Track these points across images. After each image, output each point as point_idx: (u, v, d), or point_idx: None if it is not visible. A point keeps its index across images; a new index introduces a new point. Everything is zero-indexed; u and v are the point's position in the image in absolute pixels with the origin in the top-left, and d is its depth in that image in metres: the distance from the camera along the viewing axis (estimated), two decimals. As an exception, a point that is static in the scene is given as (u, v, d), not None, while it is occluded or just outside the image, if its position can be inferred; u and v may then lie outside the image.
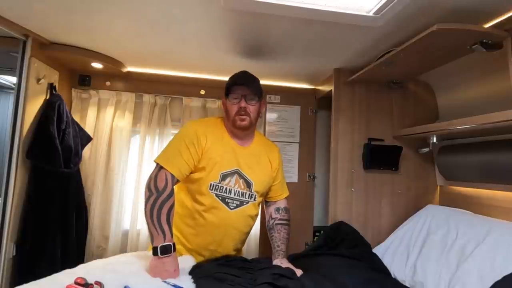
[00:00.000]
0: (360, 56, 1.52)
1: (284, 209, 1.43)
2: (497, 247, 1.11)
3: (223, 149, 1.27)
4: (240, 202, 1.29)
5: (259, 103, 1.30)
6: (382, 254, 1.52)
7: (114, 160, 1.84)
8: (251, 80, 1.29)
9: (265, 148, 1.38)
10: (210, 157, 1.24)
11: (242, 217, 1.31)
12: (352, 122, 1.70)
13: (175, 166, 1.18)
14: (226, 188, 1.27)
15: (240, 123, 1.25)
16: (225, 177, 1.26)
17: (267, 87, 2.03)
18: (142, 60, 1.76)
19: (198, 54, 1.60)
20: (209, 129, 1.28)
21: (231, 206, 1.28)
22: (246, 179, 1.30)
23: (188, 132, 1.25)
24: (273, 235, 1.36)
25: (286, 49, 1.47)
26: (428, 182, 1.74)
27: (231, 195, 1.27)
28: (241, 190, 1.29)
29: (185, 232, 1.30)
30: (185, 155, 1.20)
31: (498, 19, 1.06)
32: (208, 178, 1.25)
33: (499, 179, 1.30)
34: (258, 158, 1.34)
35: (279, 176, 1.42)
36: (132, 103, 1.89)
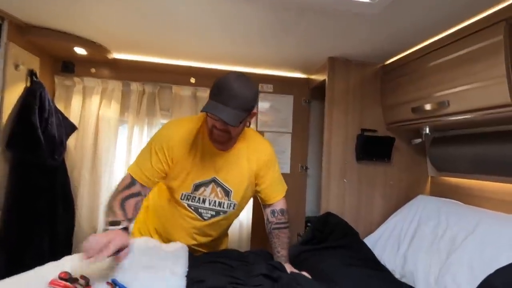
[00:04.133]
0: (356, 45, 1.48)
1: (280, 211, 1.29)
2: (487, 237, 1.12)
3: (200, 157, 1.15)
4: (216, 212, 1.22)
5: (245, 121, 1.09)
6: (373, 244, 1.53)
7: (101, 151, 1.78)
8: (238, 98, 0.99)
9: (247, 150, 1.21)
10: (183, 166, 1.14)
11: (217, 226, 1.27)
12: (346, 112, 1.67)
13: (141, 172, 1.11)
14: (199, 198, 1.19)
15: (216, 138, 1.10)
16: (199, 187, 1.17)
17: (260, 75, 1.99)
18: (129, 46, 1.68)
19: (189, 40, 1.53)
20: (186, 135, 1.15)
21: (205, 217, 1.22)
22: (224, 188, 1.19)
23: (159, 137, 1.16)
24: (272, 240, 1.26)
25: (279, 37, 1.42)
26: (420, 173, 1.75)
27: (205, 205, 1.20)
28: (218, 200, 1.20)
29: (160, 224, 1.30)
30: (153, 161, 1.12)
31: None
32: (180, 188, 1.17)
33: (490, 171, 1.31)
34: (238, 162, 1.20)
35: (268, 178, 1.25)
36: (119, 92, 1.82)
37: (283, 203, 1.31)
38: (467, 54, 1.14)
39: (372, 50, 1.54)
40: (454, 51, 1.20)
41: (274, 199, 1.28)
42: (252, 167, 1.22)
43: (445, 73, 1.25)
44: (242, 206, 1.32)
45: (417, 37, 1.34)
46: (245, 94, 1.01)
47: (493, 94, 1.04)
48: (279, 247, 1.25)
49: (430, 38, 1.33)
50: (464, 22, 1.16)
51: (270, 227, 1.28)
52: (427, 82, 1.35)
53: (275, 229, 1.27)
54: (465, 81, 1.15)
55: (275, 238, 1.26)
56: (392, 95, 1.62)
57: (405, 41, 1.39)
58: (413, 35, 1.32)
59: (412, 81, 1.46)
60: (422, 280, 1.19)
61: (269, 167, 1.26)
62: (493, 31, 1.04)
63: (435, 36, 1.31)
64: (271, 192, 1.28)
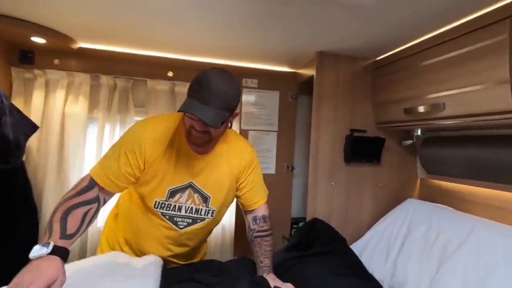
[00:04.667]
0: (346, 38, 1.36)
1: (262, 218, 1.21)
2: (481, 249, 1.06)
3: (176, 160, 1.04)
4: (192, 220, 1.12)
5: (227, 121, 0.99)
6: (362, 250, 1.47)
7: (68, 152, 1.61)
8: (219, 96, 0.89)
9: (228, 153, 1.12)
10: (157, 170, 1.03)
11: (194, 235, 1.16)
12: (335, 110, 1.57)
13: (104, 174, 0.97)
14: (174, 206, 1.08)
15: (195, 140, 0.99)
16: (174, 193, 1.07)
17: (243, 69, 1.85)
18: (97, 35, 1.49)
19: (164, 29, 1.37)
20: (160, 136, 1.03)
21: (181, 226, 1.11)
22: (202, 193, 1.10)
23: (130, 137, 1.03)
24: (254, 249, 1.19)
25: (264, 27, 1.29)
26: (409, 174, 1.69)
27: (181, 212, 1.09)
28: (195, 207, 1.10)
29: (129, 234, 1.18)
30: (121, 163, 0.99)
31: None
32: (153, 194, 1.05)
33: (484, 176, 1.24)
34: (218, 166, 1.11)
35: (250, 182, 1.17)
36: (87, 86, 1.64)
37: (265, 208, 1.23)
38: (467, 53, 1.05)
39: (364, 45, 1.43)
40: (452, 49, 1.11)
41: (255, 205, 1.20)
42: (233, 171, 1.13)
43: (441, 73, 1.16)
44: (221, 213, 1.22)
45: (413, 32, 1.24)
46: (227, 93, 0.91)
47: (494, 98, 0.96)
48: (262, 256, 1.17)
49: (427, 34, 1.24)
50: (466, 17, 1.06)
51: (252, 235, 1.19)
52: (421, 82, 1.26)
53: (257, 237, 1.18)
54: (463, 83, 1.07)
55: (257, 246, 1.18)
56: (383, 93, 1.52)
57: (400, 36, 1.29)
58: (409, 29, 1.22)
59: (405, 79, 1.36)
60: (413, 292, 1.14)
61: (251, 171, 1.17)
62: (497, 28, 0.95)
63: (432, 32, 1.21)
64: (253, 197, 1.19)
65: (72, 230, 0.84)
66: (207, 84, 0.90)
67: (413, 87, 1.31)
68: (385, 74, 1.51)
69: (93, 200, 0.94)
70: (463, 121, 1.10)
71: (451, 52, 1.11)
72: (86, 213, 0.90)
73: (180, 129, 1.05)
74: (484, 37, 0.98)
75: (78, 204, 0.89)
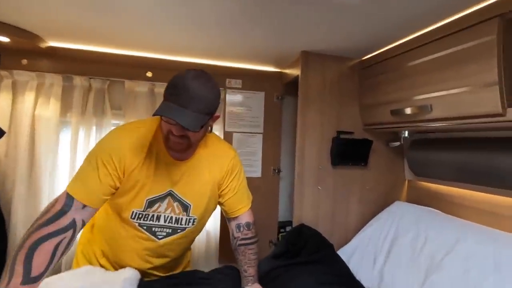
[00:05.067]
0: (332, 38, 1.31)
1: (245, 225, 1.16)
2: (470, 257, 1.03)
3: (155, 168, 0.99)
4: (172, 229, 1.06)
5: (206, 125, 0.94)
6: (349, 256, 1.43)
7: (40, 158, 1.51)
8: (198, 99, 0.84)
9: (209, 159, 1.07)
10: (137, 180, 0.97)
11: (174, 245, 1.10)
12: (321, 112, 1.52)
13: (86, 190, 0.90)
14: (153, 216, 1.02)
15: (173, 146, 0.94)
16: (153, 203, 1.01)
17: (227, 69, 1.78)
18: (69, 34, 1.40)
19: (138, 28, 1.29)
20: (138, 143, 0.97)
21: (160, 236, 1.05)
22: (182, 202, 1.04)
23: (106, 147, 0.96)
24: (238, 258, 1.14)
25: (245, 25, 1.22)
26: (397, 176, 1.66)
27: (160, 222, 1.03)
28: (174, 216, 1.05)
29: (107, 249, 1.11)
30: (101, 175, 0.92)
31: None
32: (130, 205, 0.99)
33: (473, 179, 1.22)
34: (199, 173, 1.06)
35: (233, 188, 1.12)
36: (59, 87, 1.54)
37: (249, 215, 1.17)
38: (454, 54, 1.01)
39: (349, 44, 1.38)
40: (439, 50, 1.07)
41: (239, 212, 1.14)
42: (215, 177, 1.07)
43: (428, 74, 1.12)
44: (203, 221, 1.16)
45: (399, 31, 1.20)
46: (206, 95, 0.86)
47: (482, 101, 0.92)
48: (246, 265, 1.12)
49: (413, 33, 1.19)
50: (452, 16, 1.02)
51: (236, 243, 1.14)
52: (408, 83, 1.23)
53: (241, 245, 1.13)
54: (451, 85, 1.03)
55: (241, 255, 1.13)
56: (370, 94, 1.48)
57: (386, 35, 1.25)
58: (394, 29, 1.17)
59: (391, 80, 1.33)
60: (401, 302, 1.10)
61: (233, 176, 1.12)
62: (484, 28, 0.91)
63: (418, 32, 1.17)
64: (236, 204, 1.14)
65: (38, 270, 0.77)
66: (184, 87, 0.84)
67: (400, 89, 1.27)
68: (371, 75, 1.47)
69: (67, 227, 0.85)
70: (451, 123, 1.07)
71: (438, 53, 1.07)
72: (58, 245, 0.82)
73: (158, 134, 0.99)
74: (471, 38, 0.95)
75: (48, 236, 0.81)
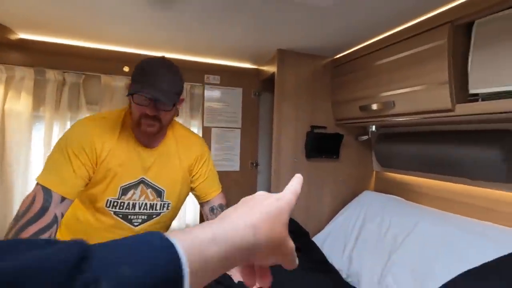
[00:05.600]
0: (305, 37, 1.39)
1: (219, 206, 1.22)
2: (426, 237, 1.15)
3: (126, 156, 1.01)
4: (148, 216, 1.09)
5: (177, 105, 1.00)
6: (322, 243, 1.53)
7: (11, 154, 1.47)
8: (166, 80, 0.93)
9: (177, 147, 1.12)
10: (108, 168, 0.98)
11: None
12: (296, 107, 1.60)
13: (61, 182, 0.89)
14: (128, 204, 1.04)
15: (146, 129, 0.96)
16: (127, 190, 1.03)
17: (205, 65, 1.81)
18: (41, 25, 1.36)
19: (112, 24, 1.29)
20: (107, 132, 0.99)
21: (135, 223, 1.07)
22: (155, 188, 1.08)
23: (77, 136, 0.95)
24: None
25: (221, 23, 1.26)
26: (366, 168, 1.78)
27: (135, 210, 1.06)
28: (149, 202, 1.07)
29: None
30: (75, 166, 0.92)
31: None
32: (105, 194, 1.00)
33: (430, 168, 1.35)
34: (169, 160, 1.09)
35: (203, 174, 1.18)
36: (30, 81, 1.49)
37: (222, 198, 1.23)
38: (414, 55, 1.12)
39: (322, 43, 1.46)
40: (401, 51, 1.18)
41: (211, 195, 1.20)
42: (184, 164, 1.13)
43: (392, 73, 1.23)
44: (177, 207, 1.19)
45: (367, 32, 1.29)
46: (173, 76, 0.96)
47: (435, 98, 1.04)
48: None
49: (379, 35, 1.30)
50: (413, 21, 1.13)
51: None
52: (375, 81, 1.33)
53: None
54: (410, 83, 1.14)
55: None
56: (341, 91, 1.58)
57: (356, 36, 1.34)
58: (363, 30, 1.27)
59: (360, 78, 1.43)
60: (366, 281, 1.21)
61: (203, 162, 1.18)
62: (438, 33, 1.02)
63: (384, 33, 1.27)
64: (208, 188, 1.20)
65: None
66: (152, 70, 0.93)
67: (367, 86, 1.37)
68: (342, 73, 1.57)
69: (51, 223, 0.84)
70: (411, 118, 1.18)
71: (400, 54, 1.18)
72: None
73: (126, 123, 1.03)
74: (426, 41, 1.06)
75: (36, 234, 0.80)
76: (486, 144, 1.07)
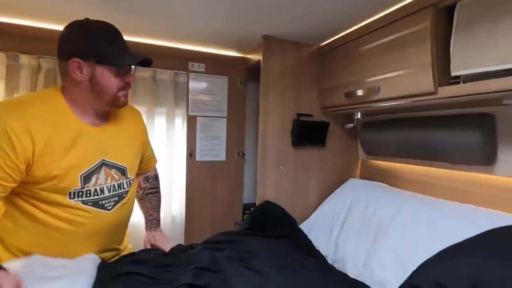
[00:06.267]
0: (291, 23, 1.37)
1: (154, 177, 1.28)
2: (408, 221, 1.17)
3: (73, 140, 0.88)
4: (118, 196, 1.01)
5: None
6: (308, 230, 1.53)
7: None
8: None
9: (123, 120, 1.05)
10: (54, 159, 0.85)
11: (125, 210, 1.06)
12: (282, 96, 1.59)
13: None
14: (96, 190, 0.94)
15: (124, 101, 0.94)
16: (89, 177, 0.92)
17: (189, 52, 1.77)
18: (13, 7, 1.29)
19: (98, 5, 1.23)
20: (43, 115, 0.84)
21: (109, 207, 0.98)
22: (118, 167, 1.00)
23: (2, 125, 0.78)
24: (145, 205, 1.23)
25: (208, 6, 1.22)
26: (352, 156, 1.80)
27: (105, 194, 0.97)
28: (116, 182, 1.00)
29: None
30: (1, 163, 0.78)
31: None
32: (63, 188, 0.88)
33: (410, 154, 1.37)
34: (121, 135, 1.03)
35: (148, 144, 1.21)
36: (2, 66, 1.41)
37: (155, 169, 1.31)
38: (397, 39, 1.12)
39: (307, 30, 1.45)
40: (385, 36, 1.18)
41: (151, 166, 1.26)
42: (136, 136, 1.11)
43: (377, 58, 1.23)
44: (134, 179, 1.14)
45: (352, 18, 1.29)
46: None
47: (419, 81, 1.04)
48: (151, 210, 1.24)
49: (363, 21, 1.29)
50: (397, 5, 1.13)
51: (143, 192, 1.25)
52: (359, 67, 1.33)
53: (149, 193, 1.25)
54: (394, 67, 1.14)
55: (147, 202, 1.24)
56: (327, 78, 1.58)
57: (341, 22, 1.33)
58: (349, 16, 1.26)
59: (345, 65, 1.42)
60: (352, 265, 1.22)
61: (146, 132, 1.20)
62: (421, 16, 1.02)
63: (367, 19, 1.27)
64: (150, 159, 1.24)
65: None
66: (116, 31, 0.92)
67: (353, 73, 1.37)
68: (327, 61, 1.56)
69: None
70: (395, 103, 1.19)
71: (384, 39, 1.18)
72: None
73: (64, 105, 0.89)
74: (410, 25, 1.06)
75: None
76: (467, 127, 1.09)
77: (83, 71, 0.87)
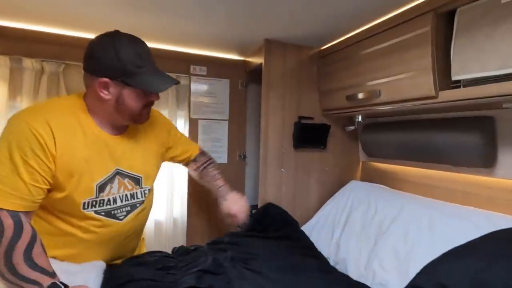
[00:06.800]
0: (292, 27, 1.38)
1: (199, 154, 1.32)
2: (409, 222, 1.18)
3: (91, 148, 0.89)
4: (131, 206, 1.02)
5: None
6: (310, 232, 1.54)
7: (-15, 146, 1.39)
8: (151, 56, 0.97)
9: (143, 126, 1.06)
10: (74, 168, 0.86)
11: (138, 220, 1.08)
12: (283, 98, 1.60)
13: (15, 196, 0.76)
14: (109, 200, 0.95)
15: (146, 118, 0.97)
16: (104, 186, 0.93)
17: (191, 56, 1.78)
18: (17, 11, 1.29)
19: (101, 8, 1.24)
20: (67, 124, 0.85)
21: (121, 217, 0.99)
22: (132, 177, 1.01)
23: (24, 136, 0.78)
24: (206, 180, 1.30)
25: (210, 10, 1.24)
26: (352, 158, 1.81)
27: (117, 204, 0.98)
28: (129, 193, 1.00)
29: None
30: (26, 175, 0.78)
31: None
32: (78, 195, 0.88)
33: (413, 156, 1.38)
34: (138, 143, 1.03)
35: (178, 138, 1.24)
36: (6, 69, 1.42)
37: (199, 149, 1.35)
38: (398, 43, 1.13)
39: (308, 34, 1.46)
40: (386, 40, 1.19)
41: (194, 151, 1.31)
42: (155, 143, 1.11)
43: (378, 62, 1.24)
44: (153, 188, 1.14)
45: (352, 22, 1.30)
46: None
47: (419, 85, 1.05)
48: (214, 180, 1.29)
49: (365, 25, 1.31)
50: (398, 9, 1.14)
51: (200, 171, 1.31)
52: (361, 70, 1.34)
53: (204, 168, 1.31)
54: (395, 71, 1.16)
55: (206, 176, 1.30)
56: (328, 81, 1.59)
57: (342, 25, 1.35)
58: (349, 20, 1.28)
59: (346, 68, 1.44)
60: (353, 267, 1.23)
61: (171, 129, 1.22)
62: (422, 21, 1.04)
63: (369, 23, 1.29)
64: (188, 149, 1.29)
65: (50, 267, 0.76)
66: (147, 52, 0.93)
67: (354, 76, 1.39)
68: (329, 63, 1.58)
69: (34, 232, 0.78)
70: (396, 106, 1.20)
71: (385, 43, 1.19)
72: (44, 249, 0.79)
73: (84, 112, 0.91)
74: (410, 29, 1.07)
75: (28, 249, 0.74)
76: (467, 130, 1.11)
77: (110, 90, 0.88)
